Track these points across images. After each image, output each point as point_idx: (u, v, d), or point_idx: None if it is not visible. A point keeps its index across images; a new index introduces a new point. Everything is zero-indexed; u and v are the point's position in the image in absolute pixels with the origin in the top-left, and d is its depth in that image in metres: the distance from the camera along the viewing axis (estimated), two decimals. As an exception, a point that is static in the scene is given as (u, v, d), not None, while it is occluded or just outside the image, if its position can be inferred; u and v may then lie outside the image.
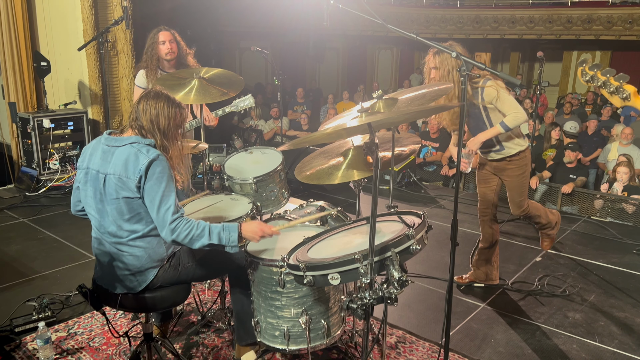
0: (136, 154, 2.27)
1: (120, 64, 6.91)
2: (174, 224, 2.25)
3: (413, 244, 2.04)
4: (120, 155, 2.29)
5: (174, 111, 2.39)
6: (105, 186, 2.30)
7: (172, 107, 2.39)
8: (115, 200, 2.29)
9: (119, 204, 2.29)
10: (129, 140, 2.32)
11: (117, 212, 2.30)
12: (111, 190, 2.29)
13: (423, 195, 6.32)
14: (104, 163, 2.32)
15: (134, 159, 2.26)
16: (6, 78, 6.55)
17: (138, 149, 2.29)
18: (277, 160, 3.44)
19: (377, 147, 1.92)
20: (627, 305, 3.63)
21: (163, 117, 2.36)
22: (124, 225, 2.32)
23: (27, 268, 4.09)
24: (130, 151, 2.28)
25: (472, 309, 3.53)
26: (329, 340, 2.53)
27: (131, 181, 2.25)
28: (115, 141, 2.34)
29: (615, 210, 5.60)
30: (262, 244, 2.58)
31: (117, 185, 2.27)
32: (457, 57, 2.22)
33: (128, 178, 2.25)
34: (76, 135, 6.51)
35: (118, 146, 2.32)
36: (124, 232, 2.33)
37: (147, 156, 2.26)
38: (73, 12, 6.54)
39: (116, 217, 2.31)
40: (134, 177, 2.25)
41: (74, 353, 2.98)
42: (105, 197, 2.31)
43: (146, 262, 2.36)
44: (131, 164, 2.26)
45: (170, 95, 2.43)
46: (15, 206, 5.57)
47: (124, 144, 2.31)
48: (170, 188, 2.28)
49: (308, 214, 3.11)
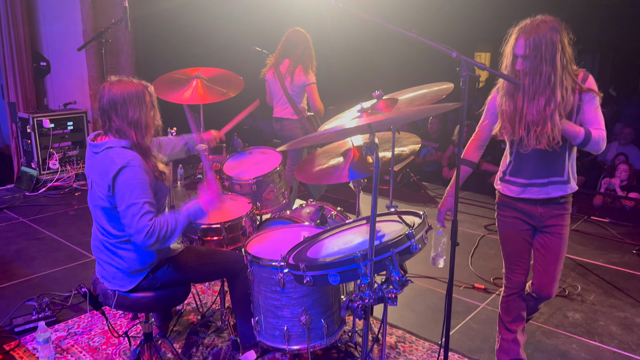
0: (108, 161, 2.23)
1: (120, 64, 6.91)
2: (147, 227, 2.17)
3: (413, 244, 2.04)
4: (98, 162, 2.28)
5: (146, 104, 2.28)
6: (93, 191, 2.34)
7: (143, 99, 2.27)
8: (100, 207, 2.32)
9: (103, 209, 2.31)
10: (106, 145, 2.28)
11: (104, 217, 2.33)
12: (96, 196, 2.31)
13: (423, 195, 6.32)
14: (90, 169, 2.35)
15: (106, 166, 2.22)
16: (6, 78, 6.55)
17: (111, 155, 2.24)
18: (277, 160, 3.44)
19: (377, 148, 1.92)
20: (627, 305, 3.63)
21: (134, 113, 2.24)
22: (112, 230, 2.34)
23: (26, 268, 4.09)
24: (105, 159, 2.25)
25: (472, 308, 3.53)
26: (328, 340, 2.53)
27: (103, 191, 2.24)
28: (96, 147, 2.31)
29: (615, 209, 5.61)
30: (263, 244, 2.58)
31: (99, 192, 2.28)
32: (457, 57, 2.21)
33: (102, 187, 2.24)
34: (76, 135, 6.51)
35: (98, 152, 2.29)
36: (112, 236, 2.35)
37: (116, 164, 2.20)
38: (73, 12, 6.54)
39: (103, 221, 2.34)
40: (105, 187, 2.23)
41: (73, 353, 2.98)
42: (94, 202, 2.35)
43: (135, 264, 2.37)
44: (104, 172, 2.23)
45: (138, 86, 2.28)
46: (15, 206, 5.57)
47: (102, 150, 2.28)
48: (138, 194, 2.18)
49: (307, 214, 3.11)
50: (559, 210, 2.55)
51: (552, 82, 2.29)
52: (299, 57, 4.46)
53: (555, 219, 2.55)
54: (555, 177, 2.49)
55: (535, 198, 2.53)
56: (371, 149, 1.91)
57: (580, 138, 2.33)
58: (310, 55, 4.50)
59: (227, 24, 8.17)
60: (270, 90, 4.70)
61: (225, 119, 3.26)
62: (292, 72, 4.46)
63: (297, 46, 4.47)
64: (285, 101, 4.56)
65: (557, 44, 2.28)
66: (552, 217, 2.55)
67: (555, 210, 2.55)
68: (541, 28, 2.29)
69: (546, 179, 2.49)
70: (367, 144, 1.91)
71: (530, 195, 2.53)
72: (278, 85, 4.55)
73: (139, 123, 2.27)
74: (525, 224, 2.61)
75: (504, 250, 2.72)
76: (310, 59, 4.50)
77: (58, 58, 6.76)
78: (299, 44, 4.47)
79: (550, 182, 2.50)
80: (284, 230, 2.85)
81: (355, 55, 9.90)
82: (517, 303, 2.71)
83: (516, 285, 2.70)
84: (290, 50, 4.49)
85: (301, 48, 4.47)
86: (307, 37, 4.51)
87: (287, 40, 4.52)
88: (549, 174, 2.49)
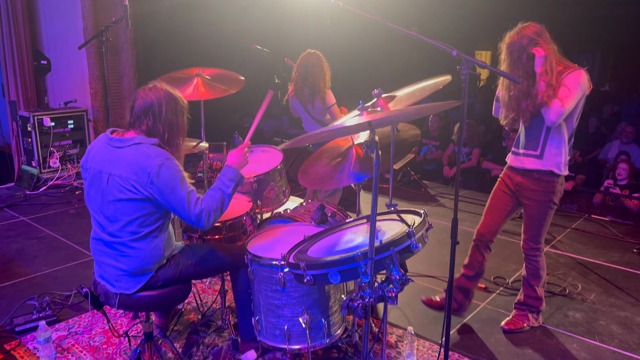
0: (144, 156, 2.25)
1: (121, 62, 6.91)
2: (204, 211, 2.30)
3: (413, 243, 2.04)
4: (126, 156, 2.27)
5: (180, 109, 2.39)
6: (109, 186, 2.29)
7: (178, 105, 2.38)
8: (118, 201, 2.28)
9: (122, 204, 2.28)
10: (133, 141, 2.30)
11: (119, 212, 2.29)
12: (115, 190, 2.27)
13: (423, 193, 6.31)
14: (108, 163, 2.30)
15: (142, 161, 2.24)
16: (7, 76, 6.55)
17: (145, 150, 2.27)
18: (278, 158, 3.44)
19: (377, 146, 1.92)
20: (627, 305, 3.63)
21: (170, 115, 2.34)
22: (126, 226, 2.31)
23: (27, 267, 4.09)
24: (137, 153, 2.26)
25: (472, 308, 3.53)
26: (329, 340, 2.53)
27: (140, 184, 2.24)
28: (120, 141, 2.32)
29: (616, 208, 5.61)
30: (263, 243, 2.57)
31: (123, 187, 2.25)
32: (458, 56, 2.21)
33: (136, 181, 2.24)
34: (76, 134, 6.51)
35: (123, 147, 2.30)
36: (125, 233, 2.32)
37: (155, 159, 2.24)
38: (73, 10, 6.54)
39: (117, 217, 2.30)
40: (143, 180, 2.23)
41: (74, 352, 2.98)
42: (107, 197, 2.30)
43: (144, 264, 2.36)
44: (139, 167, 2.24)
45: (174, 93, 2.40)
46: (15, 205, 5.57)
47: (129, 145, 2.29)
48: (185, 184, 2.30)
49: (308, 213, 3.11)
50: (535, 186, 2.97)
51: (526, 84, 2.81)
52: (315, 85, 4.45)
53: (530, 192, 2.99)
54: (530, 150, 2.94)
55: (515, 166, 3.04)
56: (371, 147, 1.91)
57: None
58: (324, 79, 4.48)
59: (228, 23, 8.16)
60: (295, 109, 4.75)
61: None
62: (312, 101, 4.50)
63: (312, 74, 4.44)
64: (312, 121, 4.63)
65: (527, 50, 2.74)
66: (528, 190, 2.99)
67: (532, 185, 2.97)
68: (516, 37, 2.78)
69: (523, 150, 2.98)
70: (367, 142, 1.91)
71: (511, 162, 3.07)
72: (302, 108, 4.62)
73: (176, 125, 2.38)
74: (506, 187, 3.10)
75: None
76: (325, 83, 4.49)
77: (59, 56, 6.76)
78: (314, 70, 4.44)
79: (525, 153, 2.96)
80: (284, 229, 2.85)
81: (355, 53, 9.90)
82: (474, 251, 3.22)
83: (476, 234, 3.21)
84: (306, 78, 4.48)
85: (317, 75, 4.44)
86: (320, 60, 4.48)
87: (302, 66, 4.50)
88: (527, 147, 2.96)
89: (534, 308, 3.22)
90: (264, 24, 7.99)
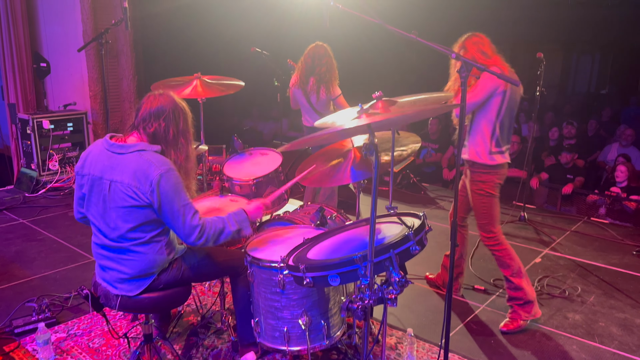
0: (147, 164, 2.24)
1: (120, 64, 6.92)
2: (198, 228, 2.29)
3: (412, 245, 2.04)
4: (128, 163, 2.26)
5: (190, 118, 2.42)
6: (110, 193, 2.28)
7: (188, 114, 2.41)
8: (120, 208, 2.27)
9: (125, 211, 2.27)
10: (136, 148, 2.29)
11: (121, 219, 2.28)
12: (117, 197, 2.26)
13: (423, 196, 6.32)
14: (109, 169, 2.29)
15: (145, 169, 2.23)
16: (6, 79, 6.56)
17: (148, 157, 2.26)
18: (277, 161, 3.44)
19: (376, 148, 1.92)
20: (627, 306, 3.63)
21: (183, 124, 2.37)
22: (128, 232, 2.30)
23: (26, 269, 4.09)
24: (140, 160, 2.25)
25: (472, 310, 3.53)
26: (328, 341, 2.53)
27: (142, 192, 2.23)
28: (121, 147, 2.30)
29: (615, 211, 5.61)
30: (262, 245, 2.57)
31: (125, 194, 2.24)
32: (457, 58, 2.22)
33: (138, 188, 2.23)
34: (76, 137, 6.51)
35: (125, 153, 2.29)
36: (127, 239, 2.31)
37: (158, 168, 2.24)
38: (73, 12, 6.55)
39: (120, 223, 2.29)
40: (145, 188, 2.22)
41: (73, 354, 2.98)
42: (110, 204, 2.29)
43: (147, 267, 2.36)
44: (142, 175, 2.23)
45: (183, 102, 2.43)
46: (14, 207, 5.57)
47: (131, 151, 2.28)
48: (185, 196, 2.29)
49: (307, 215, 3.11)
50: (471, 175, 3.25)
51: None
52: (323, 76, 4.44)
53: (469, 182, 3.27)
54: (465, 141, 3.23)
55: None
56: (371, 150, 1.91)
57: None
58: (332, 71, 4.48)
59: (227, 25, 8.17)
60: (296, 100, 4.71)
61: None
62: (317, 91, 4.48)
63: (319, 65, 4.44)
64: (313, 113, 4.60)
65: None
66: (469, 179, 3.27)
67: (470, 174, 3.26)
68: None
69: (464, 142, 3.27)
70: (366, 144, 1.91)
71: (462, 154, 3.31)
72: (304, 100, 4.58)
73: (189, 132, 2.42)
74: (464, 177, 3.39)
75: None
76: (333, 74, 4.49)
77: (58, 59, 6.77)
78: (321, 61, 4.44)
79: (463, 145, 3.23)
80: (283, 231, 2.85)
81: (354, 56, 9.89)
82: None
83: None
84: (314, 68, 4.47)
85: (324, 66, 4.44)
86: (328, 52, 4.48)
87: (309, 56, 4.49)
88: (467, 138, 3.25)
89: (519, 300, 3.23)
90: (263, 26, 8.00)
